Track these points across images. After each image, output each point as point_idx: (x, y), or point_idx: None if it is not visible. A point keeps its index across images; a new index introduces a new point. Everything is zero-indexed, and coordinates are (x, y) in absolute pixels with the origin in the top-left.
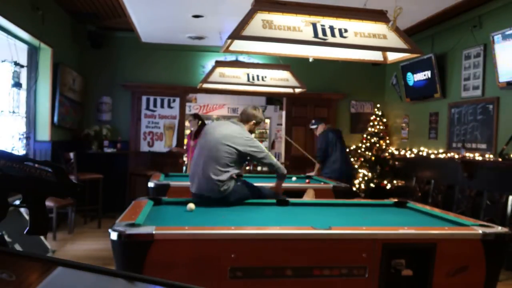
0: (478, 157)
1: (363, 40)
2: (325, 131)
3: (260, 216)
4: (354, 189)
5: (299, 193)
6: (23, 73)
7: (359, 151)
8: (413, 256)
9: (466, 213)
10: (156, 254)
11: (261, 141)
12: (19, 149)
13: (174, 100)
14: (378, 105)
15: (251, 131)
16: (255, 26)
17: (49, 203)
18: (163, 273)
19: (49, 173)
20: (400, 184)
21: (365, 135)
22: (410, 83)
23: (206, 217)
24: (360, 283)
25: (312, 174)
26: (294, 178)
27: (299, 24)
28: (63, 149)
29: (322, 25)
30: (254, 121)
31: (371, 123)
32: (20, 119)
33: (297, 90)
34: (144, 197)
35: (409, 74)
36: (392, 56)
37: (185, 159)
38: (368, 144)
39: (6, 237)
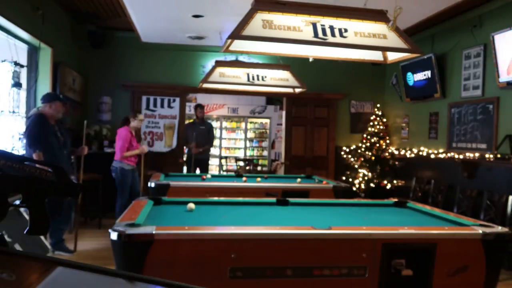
0: (478, 157)
1: (363, 40)
2: None
3: (260, 216)
4: (354, 189)
5: (300, 193)
6: (23, 73)
7: (359, 151)
8: (413, 256)
9: (466, 213)
10: (156, 254)
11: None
12: (19, 149)
13: (174, 100)
14: (378, 105)
15: None
16: (255, 26)
17: None
18: (163, 273)
19: (49, 173)
20: (400, 184)
21: (365, 135)
22: (410, 83)
23: (206, 217)
24: (360, 283)
25: None
26: (298, 180)
27: (299, 24)
28: None
29: (322, 25)
30: None
31: (371, 123)
32: (20, 119)
33: (297, 90)
34: (144, 197)
35: (409, 74)
36: (392, 56)
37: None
38: (368, 144)
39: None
